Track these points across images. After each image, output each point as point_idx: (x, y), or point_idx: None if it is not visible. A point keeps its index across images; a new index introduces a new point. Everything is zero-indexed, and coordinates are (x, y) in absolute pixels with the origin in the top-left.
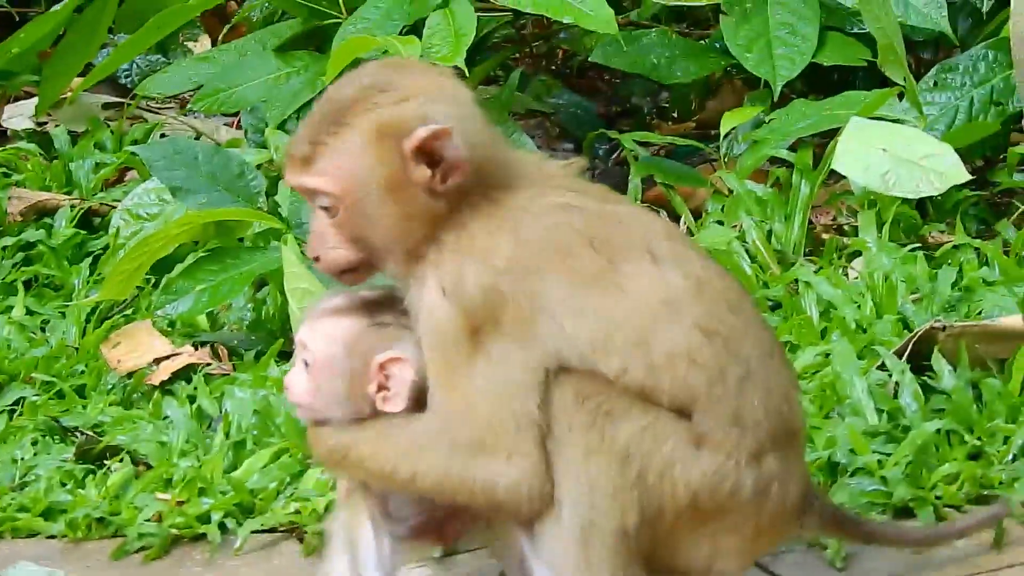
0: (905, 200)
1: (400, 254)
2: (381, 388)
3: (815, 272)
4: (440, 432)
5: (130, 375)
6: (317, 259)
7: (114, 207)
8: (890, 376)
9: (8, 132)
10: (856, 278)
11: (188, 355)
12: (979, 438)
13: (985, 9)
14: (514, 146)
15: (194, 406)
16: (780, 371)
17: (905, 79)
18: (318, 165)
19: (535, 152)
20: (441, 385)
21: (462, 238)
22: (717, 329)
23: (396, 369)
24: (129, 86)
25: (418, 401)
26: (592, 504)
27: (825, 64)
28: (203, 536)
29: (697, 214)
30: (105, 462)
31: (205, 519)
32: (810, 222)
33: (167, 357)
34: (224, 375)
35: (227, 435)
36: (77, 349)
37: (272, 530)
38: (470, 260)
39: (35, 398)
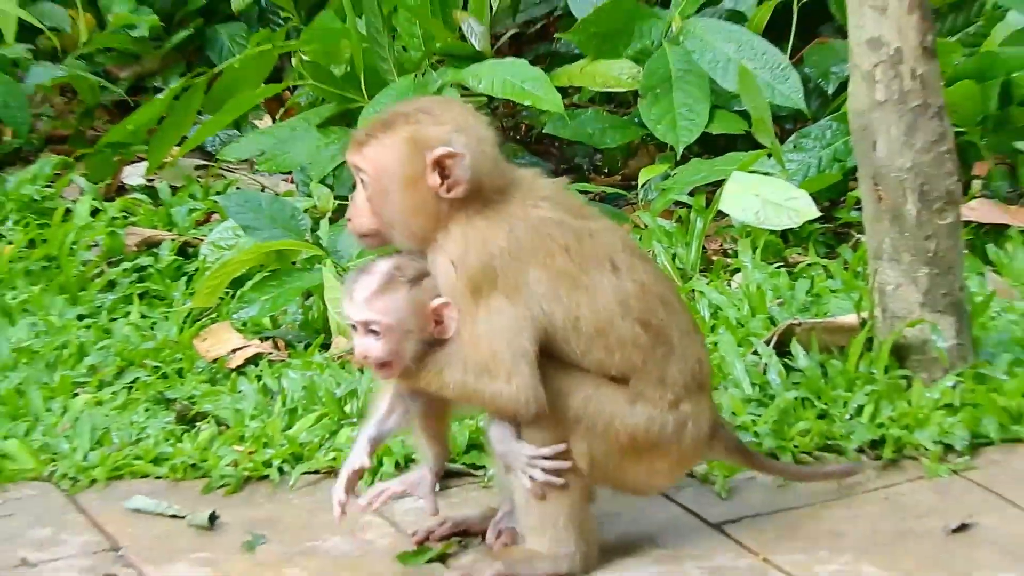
0: (772, 231)
1: (408, 234)
2: (438, 324)
3: (707, 284)
4: (457, 359)
5: (214, 361)
6: (349, 220)
7: (202, 240)
8: (761, 359)
9: (127, 186)
10: (736, 288)
11: (256, 346)
12: (825, 403)
13: (831, 92)
14: (514, 166)
15: (260, 383)
16: (694, 344)
17: (772, 143)
18: (365, 150)
19: (532, 169)
20: (458, 327)
21: (467, 229)
22: (651, 321)
23: (445, 310)
24: (213, 152)
25: None
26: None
27: (714, 133)
28: (266, 476)
29: None
30: (196, 424)
31: (268, 464)
32: (704, 248)
33: (241, 348)
34: (282, 361)
35: (283, 404)
36: (176, 343)
37: (316, 472)
38: (472, 243)
39: (146, 378)
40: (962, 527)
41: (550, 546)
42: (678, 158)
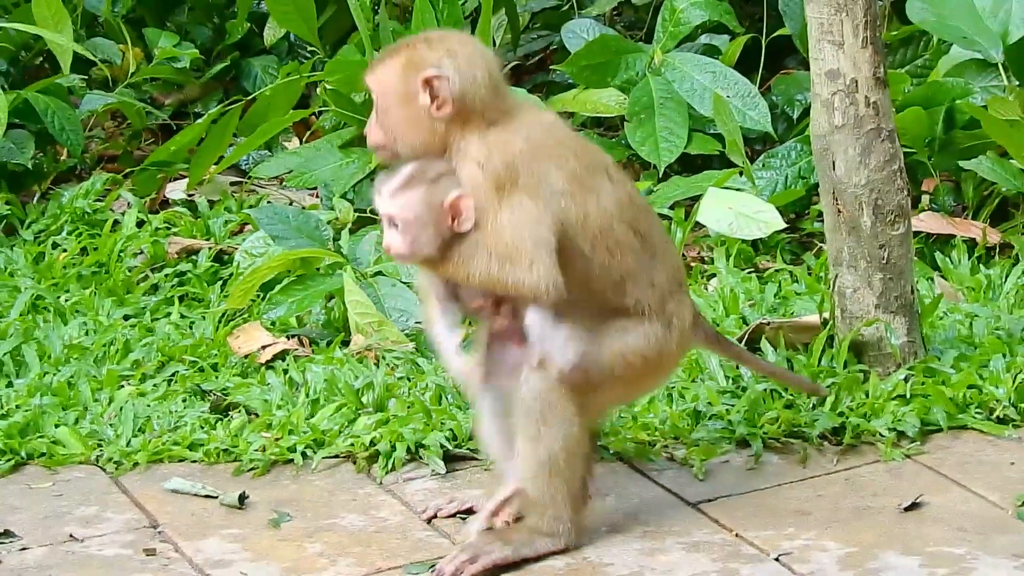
0: (744, 240)
1: (409, 147)
2: (455, 218)
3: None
4: (481, 249)
5: (246, 356)
6: (366, 135)
7: (236, 248)
8: None
9: (169, 200)
10: (712, 291)
11: (283, 344)
12: (791, 395)
13: (795, 117)
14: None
15: (286, 376)
16: (671, 249)
17: (743, 162)
18: (374, 73)
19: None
20: (481, 222)
21: (486, 137)
22: (639, 228)
23: (462, 202)
24: (247, 170)
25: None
26: None
27: (692, 153)
28: (291, 460)
29: None
30: (229, 413)
31: (292, 449)
32: (683, 255)
33: (270, 345)
34: (306, 356)
35: (307, 395)
36: (212, 340)
37: (336, 456)
38: (495, 147)
39: (184, 372)
40: (913, 505)
41: (550, 523)
42: (660, 176)
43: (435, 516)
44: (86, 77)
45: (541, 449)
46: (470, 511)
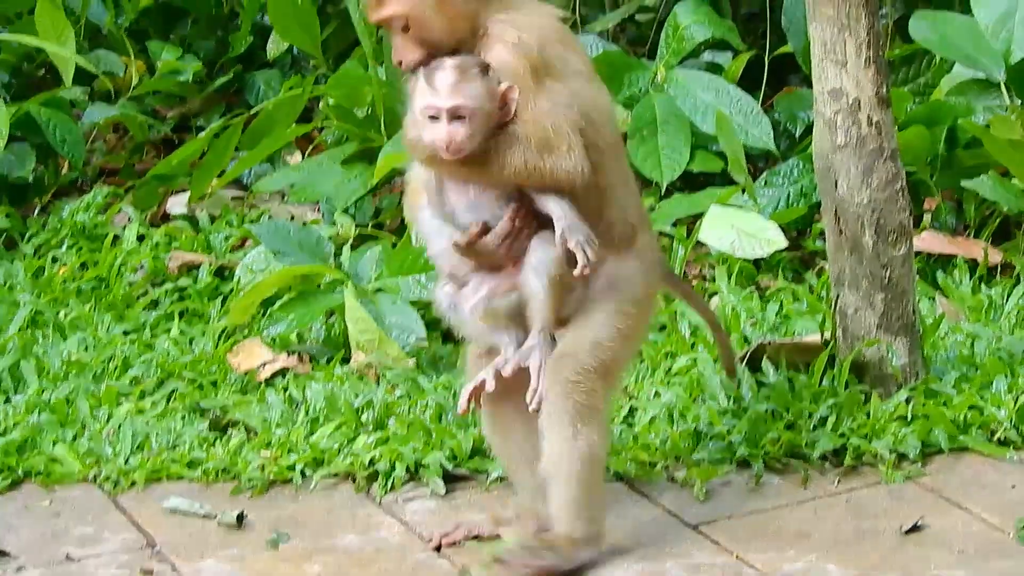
0: (746, 259)
1: (453, 41)
2: (502, 108)
3: (687, 306)
4: (520, 139)
5: (246, 373)
6: (400, 63)
7: (237, 264)
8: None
9: (170, 215)
10: (714, 309)
11: (283, 360)
12: (792, 415)
13: (797, 134)
14: None
15: (286, 394)
16: (634, 179)
17: (746, 180)
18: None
19: None
20: (519, 108)
21: (513, 20)
22: (621, 138)
23: (511, 93)
24: (248, 185)
25: None
26: None
27: (694, 171)
28: (290, 480)
29: None
30: (228, 431)
31: (292, 468)
32: (685, 273)
33: (270, 361)
34: (306, 374)
35: (306, 413)
36: (212, 356)
37: (335, 476)
38: (525, 29)
39: (184, 389)
40: (915, 528)
41: (585, 529)
42: (662, 193)
43: (440, 545)
44: (88, 89)
45: (581, 444)
46: (477, 537)
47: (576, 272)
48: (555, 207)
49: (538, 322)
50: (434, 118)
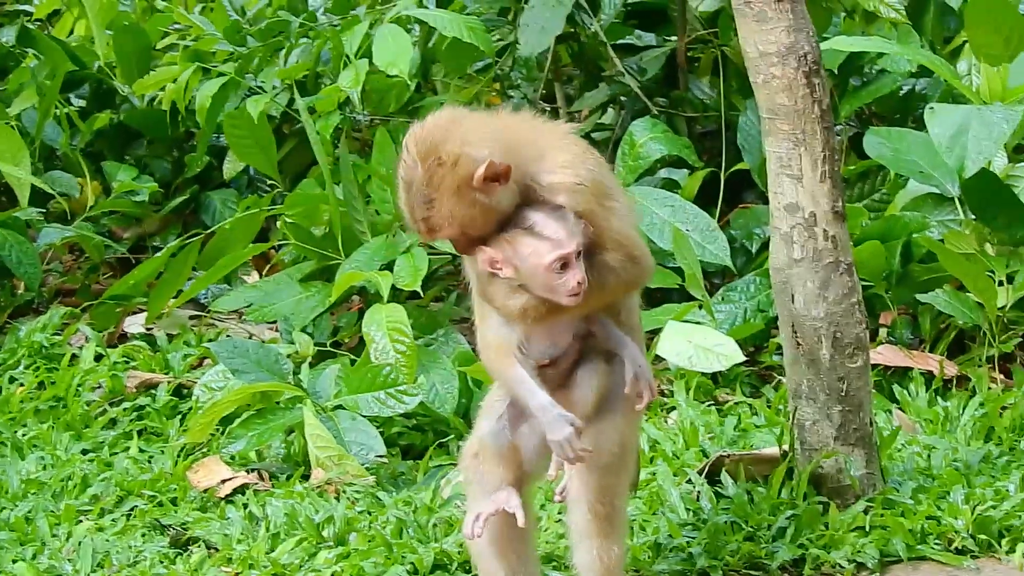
0: (703, 373)
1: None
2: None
3: (646, 420)
4: (609, 260)
5: (205, 491)
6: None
7: (195, 382)
8: (694, 487)
9: (128, 334)
10: (672, 424)
11: (243, 477)
12: (752, 526)
13: (754, 250)
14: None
15: (246, 510)
16: None
17: (703, 296)
18: (438, 229)
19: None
20: (599, 235)
21: (558, 167)
22: None
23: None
24: (206, 304)
25: None
26: None
27: (652, 287)
28: None
29: None
30: (189, 547)
31: None
32: None
33: (229, 479)
34: (266, 490)
35: (267, 529)
36: (171, 474)
37: None
38: (576, 169)
39: (144, 506)
40: None
41: None
42: None
43: None
44: (44, 211)
45: (615, 540)
46: None
47: (638, 408)
48: (627, 349)
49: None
50: (565, 266)
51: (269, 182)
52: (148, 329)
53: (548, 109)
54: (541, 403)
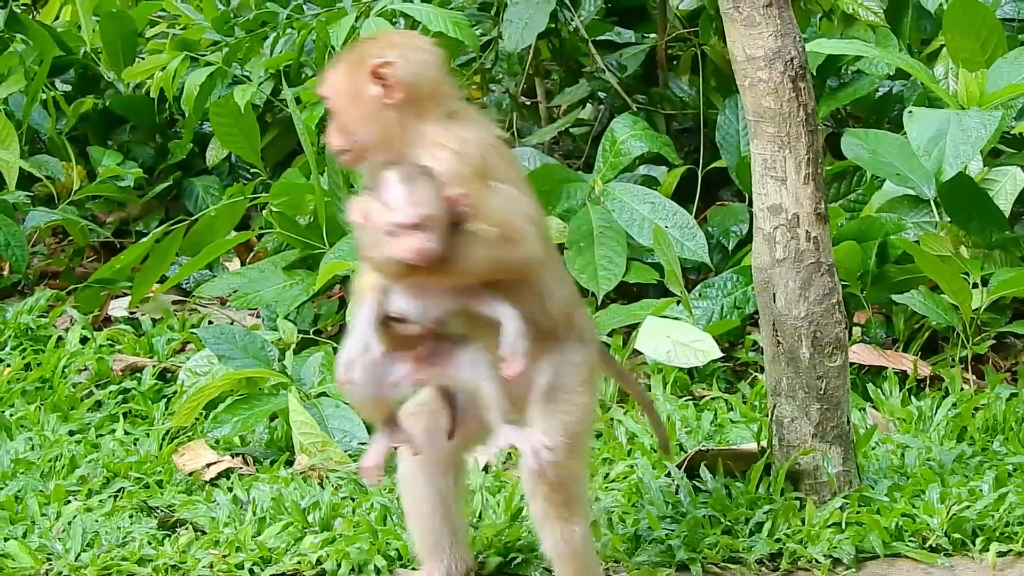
0: (680, 368)
1: (373, 144)
2: (453, 208)
3: (624, 414)
4: (480, 238)
5: (190, 474)
6: (328, 143)
7: (180, 367)
8: (673, 481)
9: (113, 318)
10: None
11: (227, 462)
12: (730, 521)
13: (731, 248)
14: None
15: (232, 494)
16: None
17: (681, 292)
18: (326, 81)
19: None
20: (472, 208)
21: (450, 129)
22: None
23: (462, 196)
24: (189, 290)
25: None
26: None
27: (630, 282)
28: None
29: None
30: (176, 529)
31: (240, 567)
32: None
33: (214, 463)
34: (251, 475)
35: (253, 513)
36: (157, 457)
37: (283, 574)
38: (464, 135)
39: (131, 488)
40: None
41: None
42: (599, 303)
43: None
44: (31, 194)
45: (576, 522)
46: None
47: (504, 374)
48: (504, 312)
49: (499, 413)
50: (397, 232)
51: (252, 170)
52: (132, 313)
53: (528, 104)
54: (354, 341)
